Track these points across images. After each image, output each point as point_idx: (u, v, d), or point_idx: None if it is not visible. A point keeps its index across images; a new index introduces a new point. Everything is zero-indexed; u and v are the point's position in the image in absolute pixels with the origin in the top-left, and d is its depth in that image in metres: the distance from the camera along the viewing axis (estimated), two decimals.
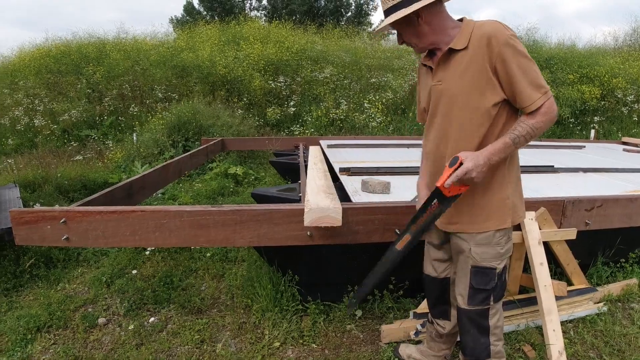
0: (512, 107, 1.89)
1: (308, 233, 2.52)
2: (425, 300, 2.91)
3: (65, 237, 2.59)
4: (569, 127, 11.26)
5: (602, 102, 11.47)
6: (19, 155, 8.83)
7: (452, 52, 1.86)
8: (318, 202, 2.36)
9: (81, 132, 9.59)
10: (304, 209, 2.48)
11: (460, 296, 2.08)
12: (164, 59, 10.91)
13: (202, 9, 26.85)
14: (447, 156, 1.92)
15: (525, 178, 3.99)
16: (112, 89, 10.47)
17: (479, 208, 1.95)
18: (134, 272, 3.83)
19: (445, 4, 1.93)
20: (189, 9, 27.01)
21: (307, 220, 2.20)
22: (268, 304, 3.05)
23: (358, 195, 3.17)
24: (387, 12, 1.92)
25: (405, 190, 3.41)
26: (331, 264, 3.02)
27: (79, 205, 2.84)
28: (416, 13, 1.85)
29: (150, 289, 3.51)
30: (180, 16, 26.65)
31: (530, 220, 2.90)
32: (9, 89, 10.63)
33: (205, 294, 3.47)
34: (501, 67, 1.78)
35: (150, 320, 3.13)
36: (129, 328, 3.01)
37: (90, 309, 3.34)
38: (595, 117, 11.30)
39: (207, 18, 21.31)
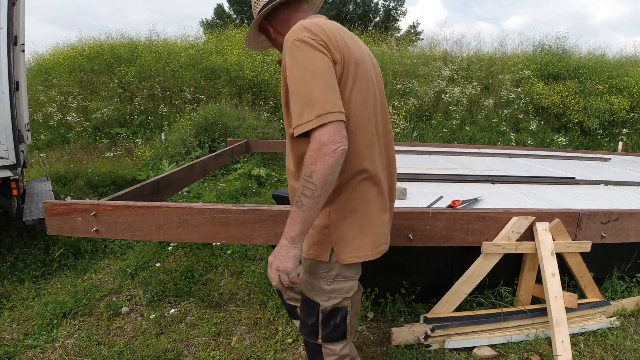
0: None
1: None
2: (437, 305, 2.98)
3: (94, 228, 2.74)
4: (596, 138, 11.08)
5: (632, 114, 11.27)
6: (50, 150, 9.17)
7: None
8: None
9: (112, 129, 9.90)
10: None
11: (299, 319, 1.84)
12: (193, 61, 11.17)
13: (232, 12, 27.24)
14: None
15: (543, 189, 4.06)
16: (143, 89, 10.77)
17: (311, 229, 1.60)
18: (158, 265, 4.00)
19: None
20: (219, 12, 27.46)
21: None
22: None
23: None
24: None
25: (422, 197, 3.48)
26: None
27: (108, 200, 3.01)
28: (266, 22, 1.72)
29: (172, 282, 3.66)
30: (211, 19, 27.09)
31: (543, 231, 2.94)
32: (43, 85, 11.02)
33: (224, 289, 3.61)
34: (287, 81, 1.50)
35: (170, 312, 3.28)
36: (150, 318, 3.17)
37: (114, 298, 3.51)
38: (624, 129, 11.10)
39: (237, 22, 21.63)
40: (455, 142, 9.87)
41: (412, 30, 26.60)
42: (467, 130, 10.46)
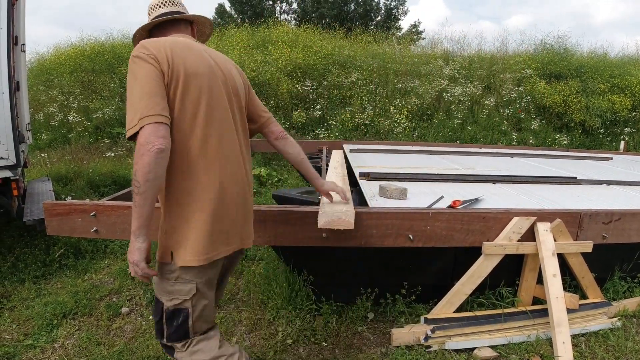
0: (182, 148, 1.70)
1: (323, 235, 2.61)
2: (437, 306, 2.97)
3: (94, 229, 2.74)
4: (598, 137, 11.05)
5: (633, 113, 11.22)
6: (52, 150, 9.17)
7: None
8: (332, 206, 2.45)
9: (113, 129, 9.89)
10: (318, 211, 2.58)
11: None
12: None
13: (233, 12, 27.23)
14: None
15: (545, 189, 4.04)
16: None
17: None
18: None
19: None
20: (220, 11, 27.43)
21: (321, 222, 2.29)
22: (283, 302, 3.15)
23: (375, 200, 3.24)
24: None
25: (422, 197, 3.47)
26: (345, 266, 3.11)
27: (108, 200, 3.01)
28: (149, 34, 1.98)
29: None
30: (212, 18, 27.05)
31: (545, 232, 2.92)
32: (45, 85, 11.02)
33: (224, 290, 3.59)
34: None
35: None
36: (150, 318, 3.16)
37: (114, 299, 3.51)
38: (626, 129, 11.06)
39: (238, 21, 21.63)
40: (457, 142, 9.85)
41: (414, 30, 26.56)
42: (469, 129, 10.44)
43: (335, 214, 2.29)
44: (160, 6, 1.95)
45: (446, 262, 3.13)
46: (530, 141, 10.37)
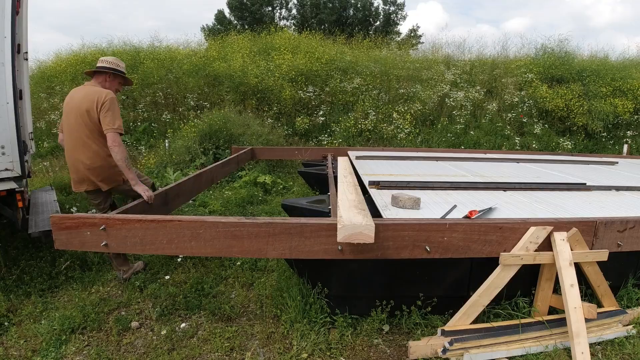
0: None
1: (339, 247, 2.57)
2: (454, 317, 2.92)
3: (104, 242, 2.69)
4: (601, 141, 11.04)
5: (636, 116, 11.21)
6: (54, 158, 9.12)
7: None
8: (351, 219, 2.40)
9: None
10: (334, 224, 2.53)
11: None
12: (196, 68, 11.11)
13: (233, 18, 27.24)
14: None
15: (557, 196, 4.01)
16: (146, 96, 10.71)
17: None
18: (167, 277, 3.93)
19: None
20: (220, 17, 27.43)
21: (340, 237, 2.24)
22: (297, 315, 3.09)
23: (388, 210, 3.19)
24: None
25: (434, 206, 3.43)
26: (361, 278, 3.06)
27: (118, 213, 2.96)
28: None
29: (181, 294, 3.60)
30: (212, 25, 27.07)
31: (561, 241, 2.88)
32: (46, 93, 10.97)
33: (235, 302, 3.55)
34: None
35: (181, 326, 3.22)
36: (162, 333, 3.10)
37: (123, 312, 3.45)
38: (628, 132, 11.05)
39: (238, 27, 21.63)
40: (462, 147, 9.82)
41: (412, 35, 26.59)
42: (472, 134, 10.42)
43: (355, 227, 2.25)
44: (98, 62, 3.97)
45: (462, 272, 3.09)
46: (534, 145, 10.35)
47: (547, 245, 2.91)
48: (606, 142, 11.01)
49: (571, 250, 2.92)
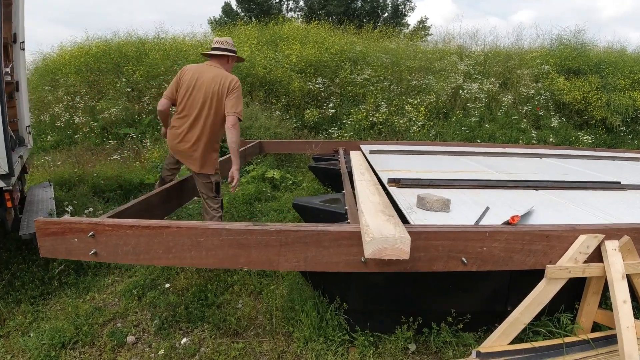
0: None
1: (362, 259, 2.22)
2: (490, 337, 2.58)
3: (93, 251, 2.38)
4: (619, 135, 10.62)
5: None
6: (57, 152, 8.84)
7: None
8: (381, 230, 2.03)
9: (120, 130, 9.54)
10: (357, 231, 2.19)
11: None
12: (202, 59, 10.75)
13: (239, 10, 26.84)
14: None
15: (590, 195, 3.64)
16: (151, 88, 10.37)
17: None
18: (167, 285, 3.60)
19: None
20: (227, 9, 27.03)
21: (369, 251, 1.87)
22: (312, 332, 2.74)
23: (414, 213, 2.84)
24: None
25: (465, 207, 3.07)
26: (384, 291, 2.70)
27: (111, 216, 2.63)
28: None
29: (183, 304, 3.26)
30: (219, 17, 26.70)
31: (613, 251, 2.53)
32: (50, 86, 10.67)
33: (242, 313, 3.20)
34: None
35: (182, 342, 2.89)
36: (160, 353, 2.76)
37: (119, 324, 3.13)
38: None
39: (245, 19, 21.25)
40: (478, 141, 9.42)
41: (421, 26, 26.07)
42: (487, 127, 10.01)
43: (387, 241, 1.86)
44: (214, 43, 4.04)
45: (501, 284, 2.73)
46: (551, 139, 9.94)
47: (596, 255, 2.56)
48: (625, 137, 10.59)
49: (622, 261, 2.56)
